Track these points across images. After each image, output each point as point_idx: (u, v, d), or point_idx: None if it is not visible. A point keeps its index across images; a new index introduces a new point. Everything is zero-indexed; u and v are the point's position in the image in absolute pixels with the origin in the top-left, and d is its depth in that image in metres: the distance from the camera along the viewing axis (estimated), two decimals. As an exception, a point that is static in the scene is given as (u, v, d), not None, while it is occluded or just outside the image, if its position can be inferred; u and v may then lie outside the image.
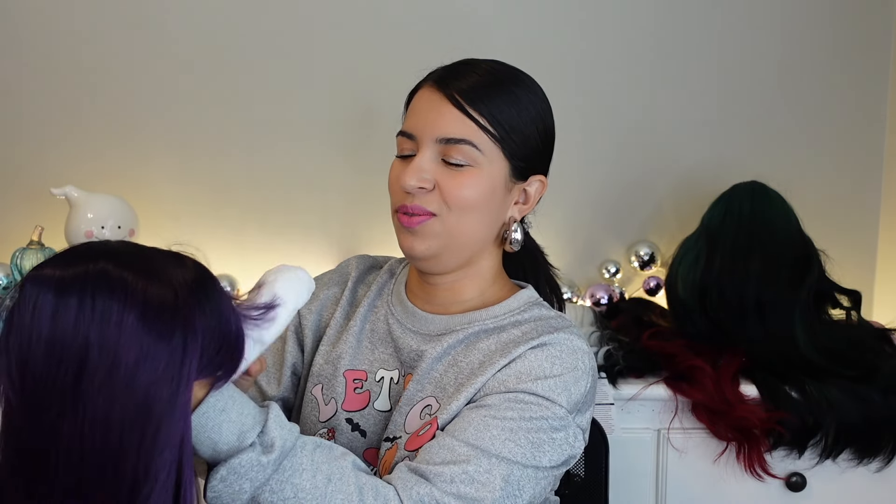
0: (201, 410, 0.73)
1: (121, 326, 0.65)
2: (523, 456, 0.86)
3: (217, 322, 0.70)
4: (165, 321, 0.66)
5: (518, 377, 0.90)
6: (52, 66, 1.66)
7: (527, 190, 0.98)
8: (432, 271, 0.98)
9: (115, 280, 0.66)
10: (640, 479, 1.37)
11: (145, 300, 0.66)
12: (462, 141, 0.91)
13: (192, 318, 0.68)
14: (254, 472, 0.74)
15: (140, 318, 0.65)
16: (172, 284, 0.68)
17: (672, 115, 1.73)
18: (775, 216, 1.46)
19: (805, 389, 1.31)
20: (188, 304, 0.68)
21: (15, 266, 1.44)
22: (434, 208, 0.93)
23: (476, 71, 0.95)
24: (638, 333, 1.46)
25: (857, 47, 1.73)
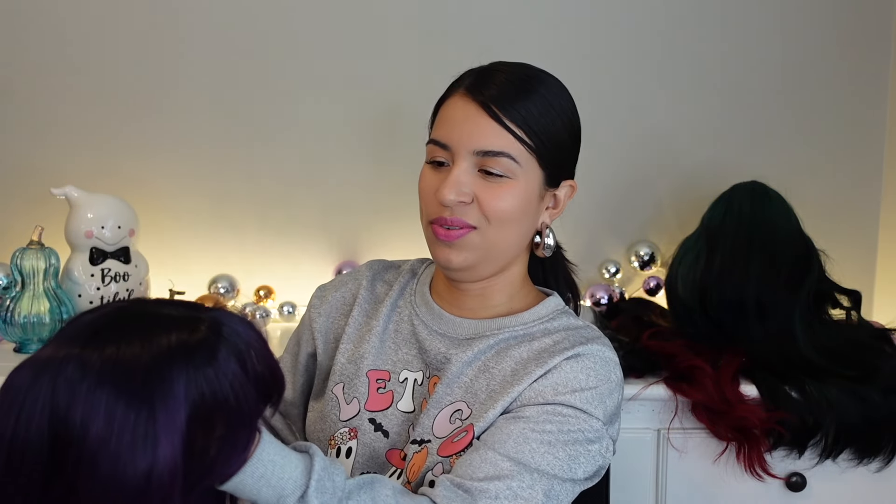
0: (237, 479, 0.73)
1: (95, 409, 0.62)
2: (561, 469, 0.87)
3: (210, 391, 0.65)
4: (143, 402, 0.62)
5: (555, 389, 0.90)
6: (52, 65, 1.66)
7: (556, 195, 0.99)
8: (465, 280, 0.98)
9: (89, 365, 0.63)
10: (640, 479, 1.37)
11: (118, 381, 0.62)
12: (501, 154, 0.91)
13: (170, 387, 0.64)
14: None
15: (116, 399, 0.62)
16: (150, 356, 0.64)
17: (672, 115, 1.73)
18: (775, 216, 1.46)
19: (805, 389, 1.31)
20: (163, 372, 0.63)
21: (15, 266, 1.44)
22: (474, 221, 0.93)
23: (508, 78, 0.94)
24: (638, 333, 1.45)
25: (858, 47, 1.73)
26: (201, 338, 0.67)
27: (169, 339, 0.65)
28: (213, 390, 0.66)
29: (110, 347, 0.64)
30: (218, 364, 0.67)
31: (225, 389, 0.67)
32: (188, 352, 0.66)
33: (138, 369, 0.63)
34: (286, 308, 1.71)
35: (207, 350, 0.67)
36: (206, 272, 1.71)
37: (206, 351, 0.67)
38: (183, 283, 1.61)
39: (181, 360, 0.65)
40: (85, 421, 0.62)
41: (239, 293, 1.72)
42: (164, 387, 0.63)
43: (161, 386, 0.63)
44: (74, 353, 0.64)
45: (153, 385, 0.63)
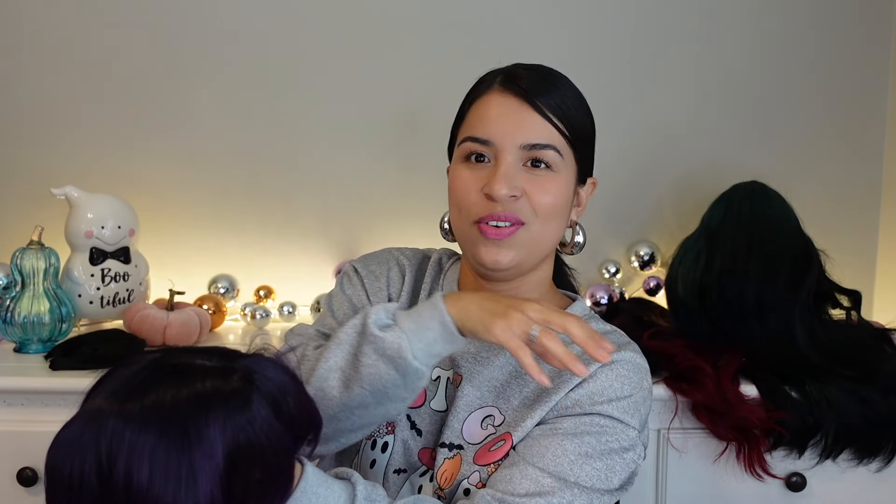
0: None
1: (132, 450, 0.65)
2: (600, 480, 0.87)
3: (245, 437, 0.68)
4: (181, 453, 0.66)
5: (591, 398, 0.90)
6: (52, 65, 1.66)
7: (580, 192, 0.99)
8: (502, 279, 0.97)
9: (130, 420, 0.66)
10: (640, 479, 1.36)
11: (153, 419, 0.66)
12: (548, 146, 0.91)
13: (206, 433, 0.67)
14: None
15: (149, 439, 0.65)
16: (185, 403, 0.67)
17: (672, 115, 1.73)
18: (775, 216, 1.46)
19: (805, 389, 1.31)
20: (199, 419, 0.67)
21: (15, 266, 1.44)
22: (526, 216, 0.92)
23: (537, 75, 0.94)
24: (638, 333, 1.45)
25: (858, 47, 1.73)
26: (234, 387, 0.69)
27: (204, 387, 0.68)
28: (247, 436, 0.68)
29: (149, 398, 0.67)
30: (251, 412, 0.69)
31: (260, 436, 0.69)
32: (223, 400, 0.68)
33: (176, 417, 0.66)
34: (286, 308, 1.71)
35: (240, 399, 0.69)
36: (206, 272, 1.71)
37: (239, 399, 0.69)
38: (183, 283, 1.61)
39: (216, 408, 0.68)
40: (129, 470, 0.65)
41: (239, 293, 1.72)
42: (201, 433, 0.66)
43: (197, 432, 0.66)
44: (115, 409, 0.67)
45: (189, 431, 0.66)
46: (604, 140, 1.73)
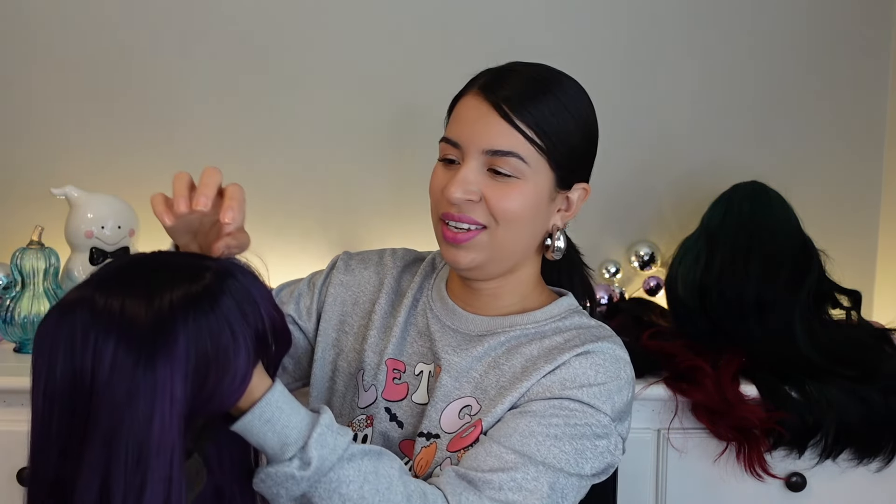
0: (247, 419, 0.76)
1: (102, 357, 0.67)
2: (567, 463, 0.87)
3: (213, 349, 0.70)
4: (143, 350, 0.67)
5: (562, 384, 0.90)
6: (52, 65, 1.66)
7: (569, 197, 0.99)
8: (475, 279, 0.98)
9: (98, 313, 0.68)
10: (640, 479, 1.37)
11: (122, 329, 0.67)
12: (510, 154, 0.91)
13: (174, 344, 0.68)
14: (288, 483, 0.77)
15: (119, 348, 0.67)
16: (156, 309, 0.68)
17: (672, 115, 1.73)
18: (775, 216, 1.46)
19: (805, 389, 1.31)
20: (167, 331, 0.68)
21: (15, 266, 1.44)
22: (483, 220, 0.93)
23: (523, 78, 0.94)
24: (638, 333, 1.45)
25: (858, 47, 1.73)
26: (205, 285, 0.71)
27: (173, 286, 0.70)
28: (214, 339, 0.70)
29: (118, 300, 0.69)
30: (219, 312, 0.71)
31: (225, 335, 0.71)
32: (192, 302, 0.70)
33: (142, 318, 0.68)
34: (286, 308, 1.71)
35: (210, 298, 0.71)
36: (206, 272, 1.71)
37: (209, 299, 0.70)
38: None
39: (185, 314, 0.69)
40: (94, 367, 0.67)
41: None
42: (167, 335, 0.68)
43: (164, 334, 0.68)
44: (88, 297, 0.69)
45: (157, 340, 0.67)
46: (604, 140, 1.73)
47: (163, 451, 0.67)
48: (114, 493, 0.66)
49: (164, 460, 0.67)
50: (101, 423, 0.66)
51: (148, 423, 0.66)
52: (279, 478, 0.77)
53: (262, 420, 0.76)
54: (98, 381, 0.66)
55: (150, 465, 0.66)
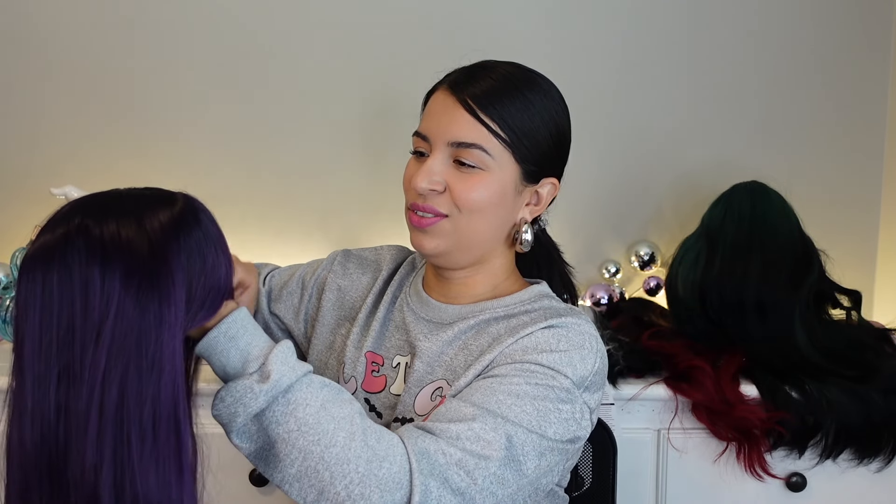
0: (212, 335, 0.79)
1: (102, 291, 0.69)
2: (528, 421, 0.86)
3: (202, 264, 0.75)
4: (144, 279, 0.70)
5: (524, 350, 0.92)
6: (52, 65, 1.66)
7: (539, 192, 1.01)
8: (444, 266, 1.01)
9: (93, 243, 0.70)
10: (640, 479, 1.37)
11: (123, 259, 0.70)
12: (473, 145, 0.94)
13: (172, 270, 0.72)
14: (246, 398, 0.77)
15: (120, 279, 0.69)
16: (149, 236, 0.72)
17: (672, 115, 1.73)
18: (775, 216, 1.46)
19: (805, 389, 1.31)
20: (166, 255, 0.72)
21: (15, 266, 1.44)
22: (445, 209, 0.96)
23: (491, 75, 0.97)
24: (638, 333, 1.46)
25: (858, 47, 1.73)
26: (182, 208, 0.76)
27: (156, 211, 0.74)
28: (203, 253, 0.75)
29: (109, 224, 0.71)
30: (203, 230, 0.76)
31: (211, 252, 0.77)
32: (178, 222, 0.74)
33: (138, 243, 0.71)
34: (286, 308, 1.71)
35: (193, 218, 0.76)
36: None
37: (193, 219, 0.76)
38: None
39: (175, 231, 0.73)
40: (101, 302, 0.69)
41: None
42: (165, 258, 0.72)
43: (162, 257, 0.71)
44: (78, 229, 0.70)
45: (155, 257, 0.71)
46: (604, 140, 1.74)
47: (170, 363, 0.71)
48: (129, 404, 0.69)
49: (172, 371, 0.71)
50: (109, 340, 0.69)
51: (158, 341, 0.70)
52: (238, 392, 0.77)
53: (227, 337, 0.79)
54: (107, 314, 0.69)
55: (163, 377, 0.70)
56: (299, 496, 0.78)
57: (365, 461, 0.77)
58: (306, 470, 0.77)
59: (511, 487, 0.84)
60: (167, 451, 0.71)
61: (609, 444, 1.24)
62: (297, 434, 0.77)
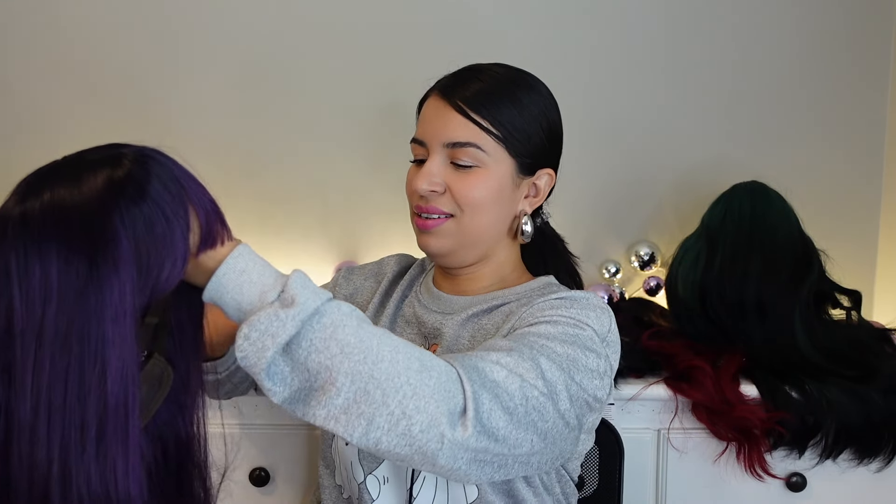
0: (221, 272, 0.73)
1: (41, 284, 0.64)
2: (559, 361, 0.86)
3: (150, 235, 0.68)
4: (82, 260, 0.65)
5: (542, 310, 0.93)
6: (52, 65, 1.66)
7: (536, 184, 1.04)
8: (451, 265, 1.04)
9: (30, 231, 0.65)
10: (640, 479, 1.37)
11: (60, 241, 0.65)
12: (467, 144, 0.97)
13: (114, 247, 0.66)
14: (273, 327, 0.70)
15: (58, 265, 0.64)
16: (85, 210, 0.66)
17: (672, 115, 1.73)
18: (775, 216, 1.46)
19: (805, 389, 1.31)
20: (105, 230, 0.66)
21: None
22: (448, 209, 0.99)
23: (479, 77, 1.00)
24: (638, 333, 1.45)
25: (858, 47, 1.73)
26: (128, 172, 0.69)
27: (96, 178, 0.67)
28: (149, 224, 0.68)
29: (43, 201, 0.66)
30: (150, 196, 0.68)
31: (160, 223, 0.68)
32: (120, 190, 0.67)
33: (73, 217, 0.65)
34: (286, 308, 1.71)
35: (136, 185, 0.68)
36: (206, 272, 1.71)
37: (136, 185, 0.68)
38: (183, 283, 1.60)
39: (115, 201, 0.67)
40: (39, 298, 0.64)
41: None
42: (105, 233, 0.65)
43: (102, 232, 0.65)
44: (12, 214, 0.66)
45: (94, 231, 0.65)
46: (604, 140, 1.74)
47: (116, 352, 0.65)
48: (73, 401, 0.64)
49: (120, 360, 0.66)
50: (52, 334, 0.64)
51: (100, 328, 0.65)
52: (262, 323, 0.71)
53: (237, 271, 0.73)
54: (47, 307, 0.64)
55: (109, 370, 0.65)
56: (346, 431, 0.71)
57: (416, 372, 0.73)
58: (355, 395, 0.71)
59: (548, 422, 0.82)
60: (115, 446, 0.65)
61: (616, 447, 1.24)
62: (342, 357, 0.71)
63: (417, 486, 0.96)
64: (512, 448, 0.79)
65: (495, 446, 0.77)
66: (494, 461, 0.78)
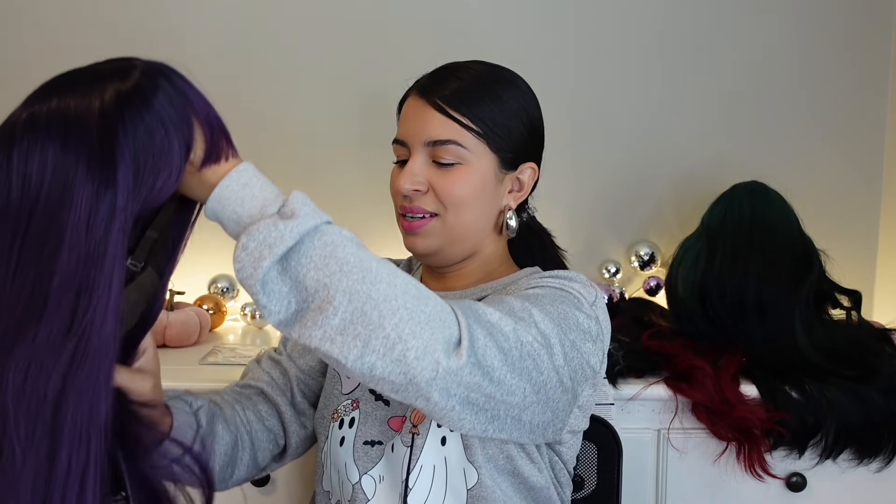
0: (224, 184, 0.72)
1: (41, 170, 0.66)
2: (552, 315, 0.86)
3: (150, 144, 0.68)
4: (82, 159, 0.66)
5: (528, 281, 0.95)
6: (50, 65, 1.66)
7: (519, 178, 1.04)
8: (438, 265, 1.04)
9: (35, 132, 0.67)
10: (640, 479, 1.37)
11: (62, 133, 0.66)
12: (448, 142, 0.97)
13: (114, 150, 0.67)
14: (271, 237, 0.70)
15: (59, 151, 0.66)
16: (92, 112, 0.67)
17: (672, 115, 1.73)
18: (775, 216, 1.46)
19: (805, 389, 1.31)
20: (105, 131, 0.67)
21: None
22: (432, 208, 0.99)
23: (457, 75, 1.01)
24: (638, 333, 1.45)
25: (858, 47, 1.73)
26: (136, 83, 0.70)
27: (104, 87, 0.69)
28: (150, 135, 0.68)
29: (51, 101, 0.68)
30: (154, 109, 0.69)
31: (159, 134, 0.69)
32: (126, 99, 0.68)
33: (77, 120, 0.67)
34: (286, 308, 1.71)
35: (142, 96, 0.69)
36: (206, 272, 1.71)
37: (142, 96, 0.69)
38: (183, 283, 1.61)
39: (119, 110, 0.68)
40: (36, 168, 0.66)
41: (239, 293, 1.72)
42: (106, 139, 0.67)
43: (103, 138, 0.67)
44: (25, 115, 0.68)
45: (95, 135, 0.67)
46: (604, 140, 1.74)
47: (109, 254, 0.67)
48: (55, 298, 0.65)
49: (109, 266, 0.66)
50: (42, 235, 0.66)
51: (88, 228, 0.66)
52: (261, 233, 0.70)
53: (240, 184, 0.73)
54: (42, 190, 0.66)
55: (103, 268, 0.66)
56: (341, 353, 0.70)
57: (413, 297, 0.72)
58: (352, 315, 0.70)
59: (543, 374, 0.82)
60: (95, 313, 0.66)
61: (615, 446, 1.24)
62: (341, 275, 0.70)
63: (414, 476, 0.95)
64: (505, 394, 0.79)
65: (489, 386, 0.77)
66: (487, 408, 0.78)
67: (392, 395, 0.74)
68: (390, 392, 0.73)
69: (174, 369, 1.39)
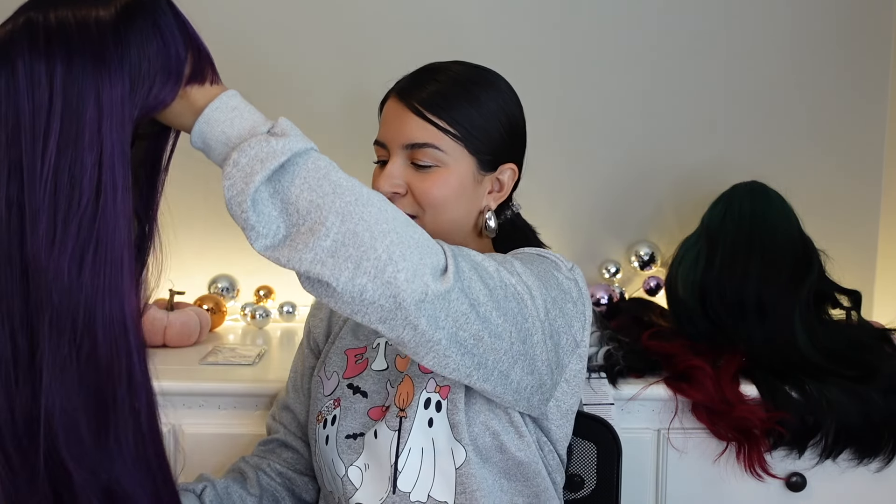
0: (213, 105, 0.73)
1: (48, 84, 0.68)
2: (534, 273, 0.88)
3: (149, 43, 0.71)
4: (87, 59, 0.68)
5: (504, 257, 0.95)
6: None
7: (499, 179, 1.05)
8: None
9: (36, 34, 0.68)
10: (640, 479, 1.37)
11: (65, 43, 0.68)
12: (425, 145, 0.98)
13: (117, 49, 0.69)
14: (263, 153, 0.70)
15: (63, 64, 0.68)
16: (94, 17, 0.69)
17: (672, 115, 1.73)
18: (775, 216, 1.46)
19: (805, 389, 1.31)
20: (116, 35, 0.69)
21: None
22: (411, 210, 1.00)
23: (436, 77, 1.01)
24: (638, 333, 1.45)
25: (858, 47, 1.73)
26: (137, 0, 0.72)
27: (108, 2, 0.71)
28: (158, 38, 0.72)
29: (52, 12, 0.70)
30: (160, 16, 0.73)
31: (159, 40, 0.72)
32: (134, 6, 0.71)
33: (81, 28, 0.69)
34: (286, 308, 1.71)
35: (144, 11, 0.72)
36: (206, 272, 1.71)
37: (143, 12, 0.72)
38: (183, 283, 1.61)
39: (127, 15, 0.70)
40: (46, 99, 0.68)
41: (239, 293, 1.72)
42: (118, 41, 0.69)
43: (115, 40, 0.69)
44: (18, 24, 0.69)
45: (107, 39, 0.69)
46: (604, 140, 1.74)
47: (118, 155, 0.69)
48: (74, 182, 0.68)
49: (120, 165, 0.69)
50: (58, 138, 0.68)
51: (98, 124, 0.68)
52: (253, 148, 0.70)
53: (229, 108, 0.74)
54: (53, 106, 0.68)
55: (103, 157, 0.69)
56: (332, 275, 0.70)
57: (402, 223, 0.74)
58: (344, 236, 0.70)
59: (528, 321, 0.83)
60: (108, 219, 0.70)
61: (614, 446, 1.24)
62: (334, 197, 0.71)
63: (403, 458, 0.94)
64: (493, 337, 0.79)
65: (476, 322, 0.78)
66: (476, 352, 0.79)
67: (379, 325, 0.74)
68: (378, 322, 0.74)
69: (174, 369, 1.39)
